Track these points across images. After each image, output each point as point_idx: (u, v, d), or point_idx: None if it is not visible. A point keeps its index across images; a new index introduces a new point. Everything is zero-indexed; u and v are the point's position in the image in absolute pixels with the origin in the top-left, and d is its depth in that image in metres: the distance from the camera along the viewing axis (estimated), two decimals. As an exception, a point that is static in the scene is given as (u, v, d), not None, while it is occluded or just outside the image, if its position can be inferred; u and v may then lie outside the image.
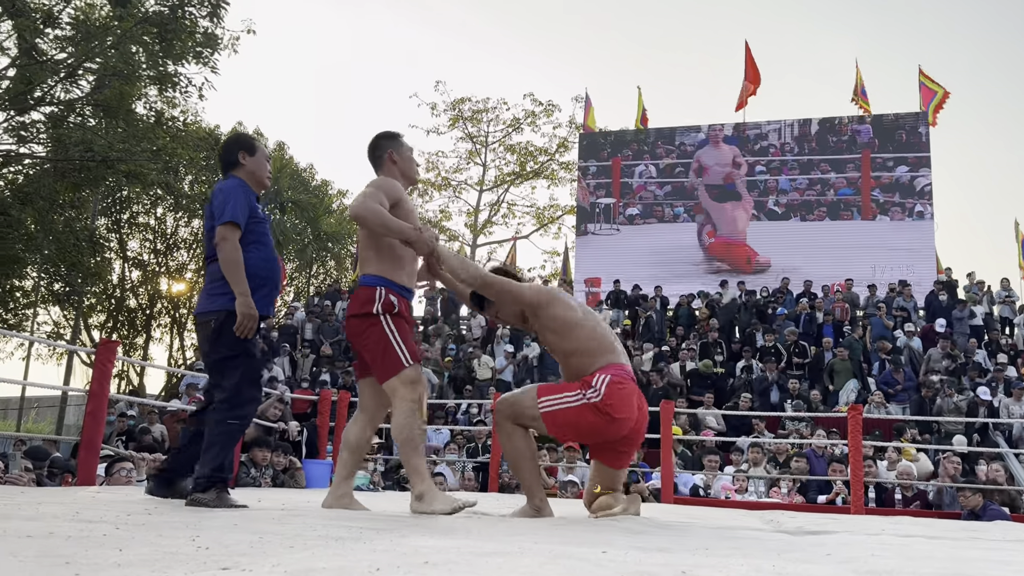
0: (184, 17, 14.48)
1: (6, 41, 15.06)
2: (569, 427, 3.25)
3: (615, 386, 3.20)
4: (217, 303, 3.41)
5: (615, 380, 3.22)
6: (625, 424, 3.24)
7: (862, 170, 17.87)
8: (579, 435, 3.35)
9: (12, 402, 24.74)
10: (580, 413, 3.19)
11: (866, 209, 17.66)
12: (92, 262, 16.97)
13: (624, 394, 3.22)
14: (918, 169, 17.62)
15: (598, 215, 19.27)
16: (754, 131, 18.78)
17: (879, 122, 18.08)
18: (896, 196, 17.56)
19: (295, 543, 1.94)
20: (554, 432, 3.26)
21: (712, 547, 2.22)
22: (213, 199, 3.50)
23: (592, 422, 3.20)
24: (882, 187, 17.68)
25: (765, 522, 3.58)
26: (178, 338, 26.01)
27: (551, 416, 3.21)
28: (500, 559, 1.75)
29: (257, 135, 26.88)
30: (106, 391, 5.14)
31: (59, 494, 3.63)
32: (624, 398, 3.21)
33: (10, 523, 2.10)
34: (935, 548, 2.50)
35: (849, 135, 18.19)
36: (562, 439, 3.46)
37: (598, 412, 3.18)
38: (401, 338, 3.29)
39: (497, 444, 8.02)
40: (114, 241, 24.22)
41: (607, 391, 3.19)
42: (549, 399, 3.23)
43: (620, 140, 19.79)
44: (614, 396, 3.19)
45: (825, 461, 8.68)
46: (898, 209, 17.48)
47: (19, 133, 14.84)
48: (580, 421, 3.20)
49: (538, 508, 3.35)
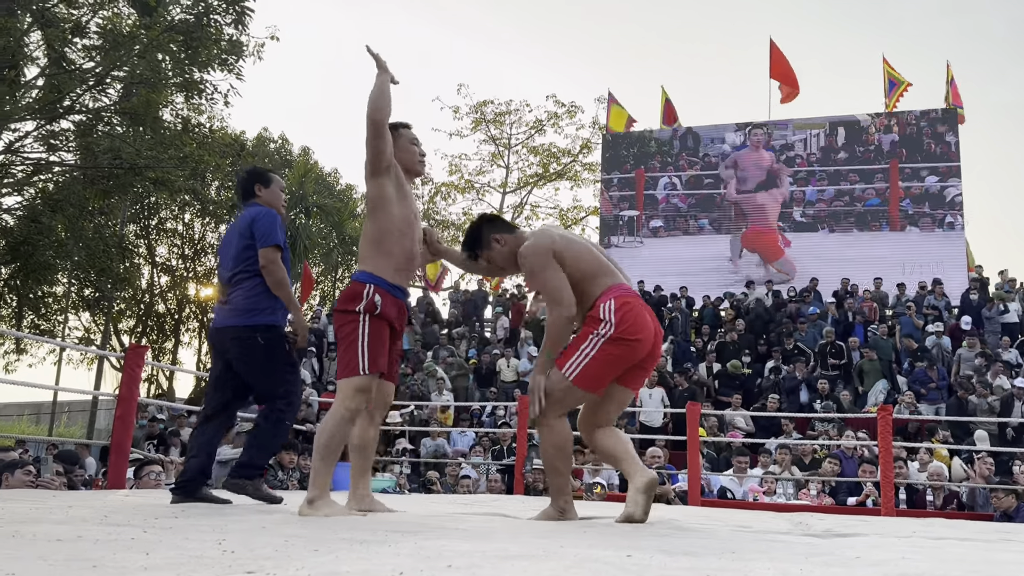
0: (209, 25, 14.64)
1: (36, 52, 15.33)
2: (602, 374, 3.12)
3: (623, 308, 3.10)
4: (260, 318, 3.71)
5: (620, 301, 3.12)
6: (646, 342, 3.14)
7: (890, 180, 17.58)
8: (614, 374, 3.17)
9: (44, 407, 25.12)
10: (604, 355, 3.09)
11: (894, 220, 17.36)
12: (121, 268, 17.20)
13: (634, 312, 3.11)
14: (947, 179, 17.26)
15: (621, 227, 19.16)
16: (780, 141, 18.55)
17: (906, 134, 17.65)
18: (926, 207, 17.23)
19: (320, 546, 1.94)
20: (593, 386, 3.12)
21: (739, 550, 2.20)
22: (254, 223, 3.76)
23: (618, 355, 3.11)
24: (912, 198, 17.35)
25: (793, 524, 3.54)
26: (206, 342, 26.29)
27: (581, 376, 3.09)
28: (525, 562, 1.75)
29: (282, 140, 27.13)
30: (135, 395, 5.20)
31: (89, 498, 3.67)
32: (636, 316, 3.11)
33: (40, 527, 2.13)
34: (967, 551, 2.45)
35: (876, 145, 17.93)
36: (600, 389, 3.14)
37: (618, 343, 3.09)
38: (371, 343, 3.16)
39: (522, 446, 8.01)
40: (143, 247, 24.56)
41: (617, 317, 3.09)
42: (571, 363, 3.11)
43: (643, 152, 19.58)
44: (626, 319, 3.09)
45: (855, 462, 8.58)
46: (928, 220, 17.13)
47: (49, 142, 15.09)
48: (608, 361, 3.10)
49: (562, 510, 3.25)
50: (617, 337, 3.08)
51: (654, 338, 3.20)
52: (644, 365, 3.25)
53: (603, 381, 3.15)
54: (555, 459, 3.21)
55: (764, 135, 18.68)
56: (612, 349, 3.09)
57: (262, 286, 3.72)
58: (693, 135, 19.33)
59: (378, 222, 3.27)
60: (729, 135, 19.02)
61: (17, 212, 15.26)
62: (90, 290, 20.70)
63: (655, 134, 19.75)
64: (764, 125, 18.87)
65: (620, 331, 3.08)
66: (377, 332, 3.18)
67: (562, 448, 3.21)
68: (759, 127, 18.83)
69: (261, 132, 26.88)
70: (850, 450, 8.89)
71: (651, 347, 3.20)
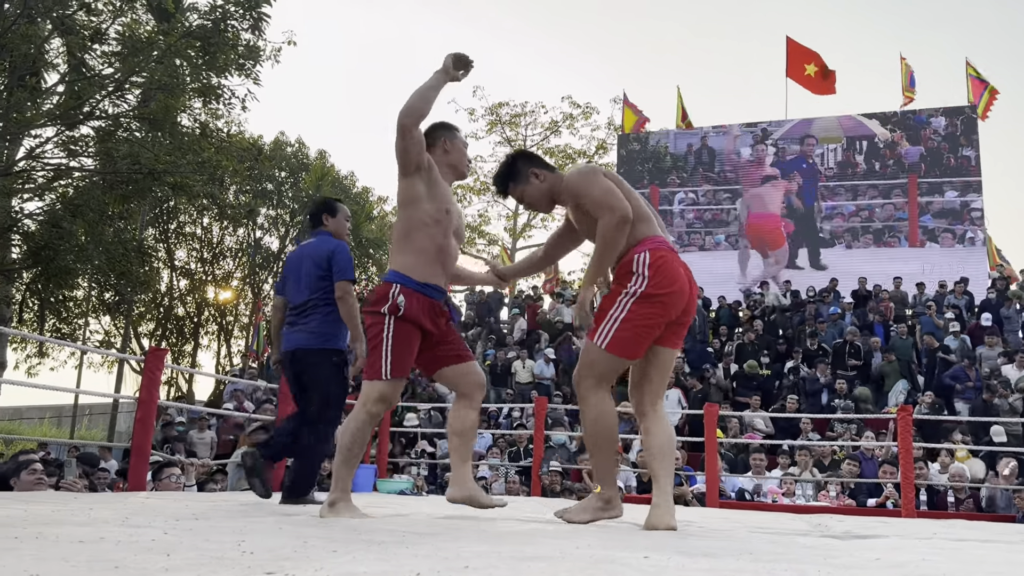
0: (227, 31, 14.74)
1: (56, 58, 15.49)
2: (637, 337, 2.93)
3: (657, 261, 2.94)
4: (335, 343, 4.18)
5: (656, 255, 2.96)
6: (681, 295, 2.96)
7: (909, 195, 17.40)
8: (651, 335, 2.97)
9: (66, 410, 25.38)
10: (636, 315, 2.91)
11: (913, 235, 17.19)
12: (141, 272, 17.34)
13: (667, 265, 2.95)
14: (967, 193, 17.08)
15: None
16: (796, 156, 18.37)
17: (928, 147, 17.44)
18: (945, 222, 17.03)
19: (338, 547, 1.95)
20: (630, 351, 2.94)
21: (757, 552, 2.19)
22: (332, 257, 4.21)
23: (652, 313, 2.92)
24: (932, 213, 17.16)
25: (812, 526, 3.52)
26: (225, 345, 26.46)
27: (615, 342, 2.91)
28: (542, 564, 1.75)
29: (299, 144, 27.25)
30: (155, 398, 5.25)
31: (110, 500, 3.71)
32: (669, 269, 2.95)
33: (63, 528, 2.15)
34: (989, 552, 2.43)
35: (895, 159, 17.75)
36: (638, 353, 2.95)
37: (651, 299, 2.92)
38: (395, 346, 3.08)
39: (539, 448, 8.00)
40: (162, 251, 24.74)
41: (651, 271, 2.93)
42: (602, 329, 2.94)
43: (659, 167, 19.46)
44: (659, 272, 2.93)
45: (876, 463, 8.52)
46: (949, 235, 16.93)
47: (69, 147, 15.23)
48: (642, 322, 2.91)
49: (608, 501, 3.05)
50: (649, 293, 2.91)
51: (689, 292, 3.02)
52: (681, 320, 3.05)
53: (640, 344, 2.96)
54: (597, 437, 3.01)
55: (774, 148, 18.52)
56: (644, 308, 2.91)
57: (336, 314, 4.15)
58: (708, 150, 19.16)
59: (407, 218, 3.19)
60: (744, 149, 18.83)
61: (39, 217, 15.42)
62: (110, 294, 20.88)
63: (669, 148, 19.54)
64: (772, 136, 18.66)
65: (652, 285, 2.91)
66: (402, 335, 3.10)
67: (604, 425, 3.00)
68: (767, 142, 18.66)
69: (278, 136, 27.04)
70: (869, 451, 8.83)
71: (686, 302, 3.01)
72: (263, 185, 25.44)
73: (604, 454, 3.03)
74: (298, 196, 25.77)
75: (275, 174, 26.04)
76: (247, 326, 25.80)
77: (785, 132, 18.74)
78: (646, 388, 3.11)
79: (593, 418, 2.98)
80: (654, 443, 3.04)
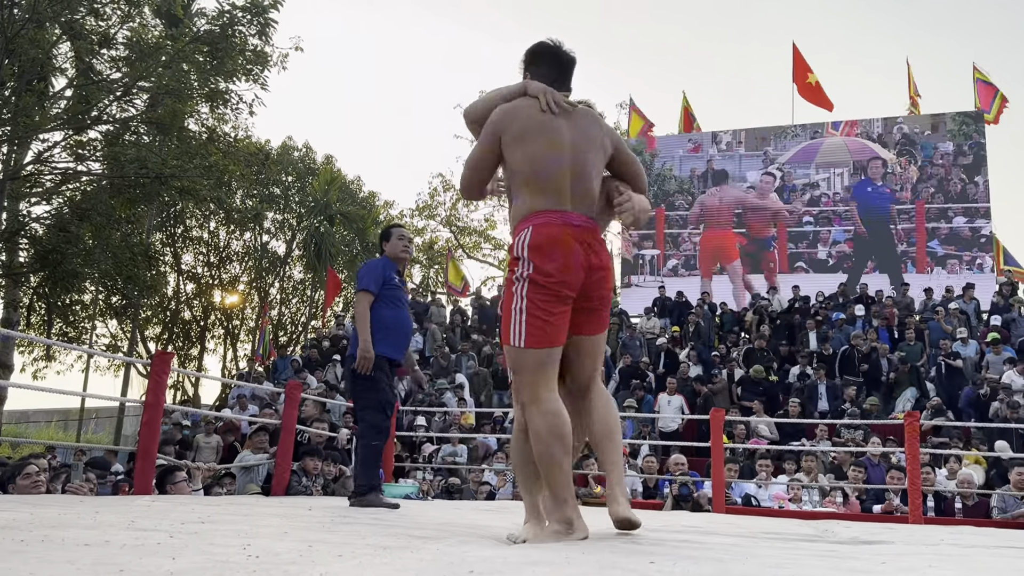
0: (234, 36, 14.80)
1: (64, 63, 15.58)
2: (548, 323, 2.56)
3: (537, 241, 2.56)
4: (378, 348, 4.68)
5: (535, 233, 2.58)
6: (568, 272, 2.56)
7: (916, 221, 17.31)
8: (562, 318, 2.59)
9: (72, 413, 25.46)
10: (536, 301, 2.56)
11: (921, 261, 17.11)
12: (148, 276, 17.40)
13: (550, 244, 2.55)
14: (975, 219, 17.00)
15: (642, 266, 19.03)
16: (802, 180, 18.31)
17: (934, 175, 17.39)
18: (953, 248, 16.95)
19: (343, 552, 1.95)
20: (551, 339, 2.56)
21: (763, 557, 2.18)
22: (359, 271, 4.93)
23: (542, 299, 2.56)
24: (940, 239, 17.08)
25: (819, 532, 3.50)
26: (231, 349, 26.52)
27: (531, 336, 2.55)
28: (546, 568, 1.75)
29: (306, 149, 27.33)
30: (161, 401, 5.25)
31: (116, 503, 3.71)
32: (548, 239, 2.56)
33: (69, 532, 2.16)
34: (996, 559, 2.42)
35: (902, 185, 17.64)
36: (557, 337, 2.57)
37: (537, 285, 2.56)
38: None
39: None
40: (169, 255, 24.83)
41: (530, 254, 2.57)
42: (512, 328, 2.60)
43: (663, 191, 19.35)
44: (537, 246, 2.56)
45: (882, 469, 8.48)
46: (956, 261, 16.85)
47: (77, 151, 15.31)
48: (546, 308, 2.55)
49: (568, 523, 2.52)
50: (534, 277, 2.56)
51: (586, 270, 2.61)
52: (588, 307, 2.67)
53: (557, 327, 2.58)
54: (549, 447, 2.50)
55: (776, 179, 18.46)
56: (536, 296, 2.56)
57: (374, 323, 4.69)
58: (715, 173, 19.03)
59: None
60: (751, 173, 18.74)
61: (46, 221, 15.50)
62: (117, 298, 20.94)
63: (674, 171, 19.41)
64: (777, 161, 18.60)
65: (536, 271, 2.56)
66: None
67: (554, 431, 2.51)
68: (771, 173, 18.58)
69: (286, 141, 27.13)
70: (876, 457, 8.79)
71: (582, 282, 2.60)
72: (270, 189, 25.51)
73: (562, 469, 2.52)
74: (305, 200, 25.84)
75: (282, 178, 26.11)
76: (253, 330, 25.85)
77: (792, 157, 18.58)
78: (577, 372, 2.78)
79: (545, 428, 2.51)
80: (598, 426, 2.71)
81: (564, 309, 2.59)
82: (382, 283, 4.77)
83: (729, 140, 19.12)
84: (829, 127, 18.52)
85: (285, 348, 21.80)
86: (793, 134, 18.66)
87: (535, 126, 2.66)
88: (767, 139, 18.82)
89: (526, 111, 2.69)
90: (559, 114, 2.71)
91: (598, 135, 2.77)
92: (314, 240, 23.70)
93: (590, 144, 2.72)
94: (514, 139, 2.66)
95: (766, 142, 18.79)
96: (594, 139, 2.75)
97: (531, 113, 2.69)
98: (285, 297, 27.85)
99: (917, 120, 18.04)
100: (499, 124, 2.70)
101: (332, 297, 21.09)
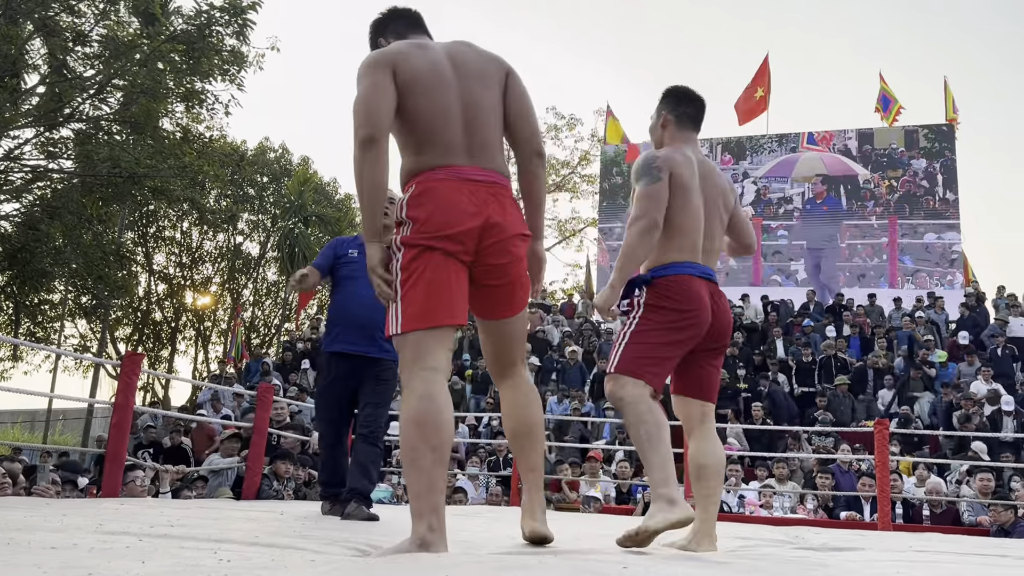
0: (212, 36, 14.68)
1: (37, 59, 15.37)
2: (430, 293, 2.15)
3: (420, 194, 2.19)
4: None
5: (418, 187, 2.21)
6: (460, 222, 2.15)
7: (889, 236, 17.47)
8: (459, 283, 2.19)
9: (39, 414, 25.06)
10: (416, 268, 2.14)
11: (893, 276, 17.23)
12: (119, 276, 17.18)
13: (434, 194, 2.19)
14: (944, 233, 17.18)
15: None
16: (777, 194, 18.47)
17: (906, 192, 17.58)
18: (926, 264, 17.12)
19: (316, 557, 1.94)
20: (425, 318, 2.13)
21: (735, 563, 2.19)
22: None
23: (437, 263, 2.15)
24: (912, 255, 17.25)
25: (790, 538, 3.53)
26: (203, 350, 26.27)
27: (408, 317, 2.15)
28: (521, 573, 1.75)
29: (283, 150, 27.17)
30: (131, 403, 5.19)
31: (83, 506, 3.66)
32: (435, 199, 2.18)
33: (35, 535, 2.12)
34: (963, 566, 2.45)
35: (874, 199, 17.86)
36: (457, 312, 2.16)
37: (421, 250, 2.15)
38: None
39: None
40: (140, 255, 24.56)
41: (411, 211, 2.18)
42: (393, 310, 2.19)
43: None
44: (420, 206, 2.18)
45: (853, 476, 8.57)
46: (926, 276, 17.01)
47: (48, 149, 15.10)
48: (430, 276, 2.15)
49: (421, 541, 2.02)
50: (412, 240, 2.15)
51: (480, 229, 2.17)
52: (491, 280, 2.25)
53: (439, 302, 2.12)
54: (409, 438, 2.03)
55: (754, 187, 18.56)
56: (422, 261, 2.14)
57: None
58: None
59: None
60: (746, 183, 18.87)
61: (15, 219, 15.27)
62: (87, 297, 20.68)
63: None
64: (752, 175, 18.72)
65: (416, 230, 2.15)
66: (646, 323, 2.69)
67: (422, 424, 2.02)
68: (747, 181, 18.68)
69: (262, 142, 26.96)
70: (846, 464, 8.88)
71: (478, 237, 2.18)
72: (244, 190, 25.32)
73: (423, 470, 2.03)
74: (280, 202, 25.69)
75: (257, 179, 25.94)
76: (225, 332, 25.62)
77: (768, 171, 18.69)
78: (491, 360, 2.47)
79: (411, 420, 2.05)
80: (511, 421, 2.44)
81: (457, 274, 2.17)
82: (331, 260, 4.26)
83: (706, 152, 19.24)
84: (804, 139, 18.69)
85: (258, 350, 21.63)
86: (769, 148, 18.81)
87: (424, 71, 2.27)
88: (743, 151, 18.95)
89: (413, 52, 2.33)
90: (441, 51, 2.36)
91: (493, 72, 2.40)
92: (288, 241, 23.56)
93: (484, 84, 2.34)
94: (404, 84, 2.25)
95: (741, 155, 18.92)
96: (489, 76, 2.37)
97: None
98: (258, 299, 27.65)
99: (891, 133, 18.26)
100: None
101: (306, 300, 20.96)
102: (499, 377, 2.47)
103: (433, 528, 1.98)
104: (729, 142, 19.18)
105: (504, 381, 2.46)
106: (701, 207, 2.74)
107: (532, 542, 2.43)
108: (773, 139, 18.95)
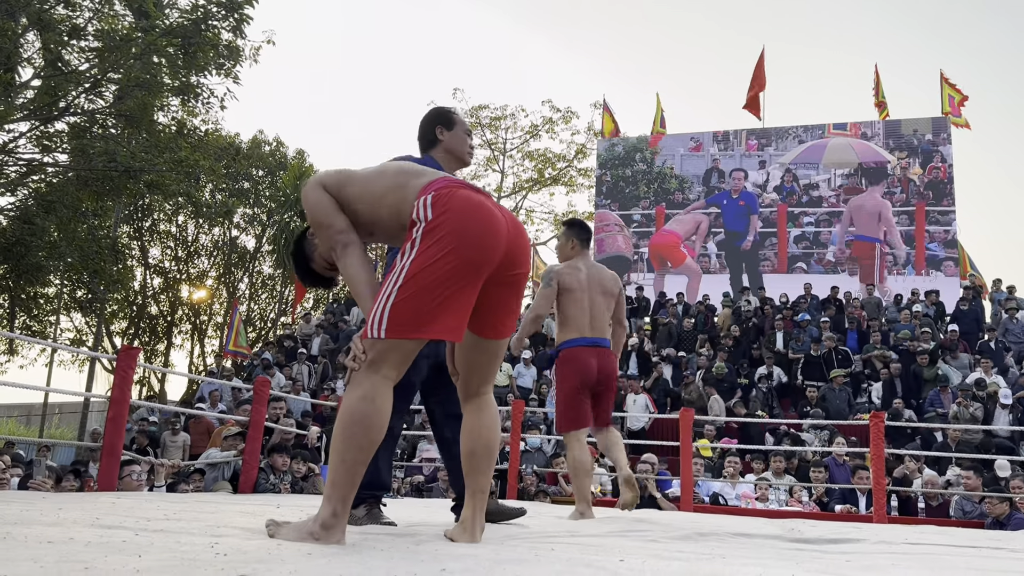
0: (208, 30, 14.61)
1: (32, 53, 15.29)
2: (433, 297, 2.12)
3: (443, 197, 2.19)
4: None
5: (440, 193, 2.20)
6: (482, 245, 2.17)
7: (916, 223, 17.35)
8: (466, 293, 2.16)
9: (35, 408, 25.02)
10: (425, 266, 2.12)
11: (919, 262, 17.15)
12: (114, 270, 17.15)
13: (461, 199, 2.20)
14: (946, 224, 17.14)
15: (636, 264, 19.03)
16: (804, 181, 18.35)
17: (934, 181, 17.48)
18: (953, 251, 17.04)
19: (313, 550, 1.94)
20: (415, 326, 2.09)
21: (730, 555, 2.20)
22: None
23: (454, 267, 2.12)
24: (940, 242, 17.14)
25: (785, 530, 3.54)
26: (199, 344, 26.23)
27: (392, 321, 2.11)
28: (517, 567, 1.75)
29: (277, 143, 27.07)
30: (127, 397, 5.19)
31: (79, 500, 3.66)
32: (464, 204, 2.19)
33: (31, 529, 2.12)
34: (958, 558, 2.46)
35: (901, 187, 17.75)
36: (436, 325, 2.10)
37: (440, 242, 2.15)
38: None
39: (515, 452, 8.01)
40: (136, 249, 24.50)
41: (436, 211, 2.19)
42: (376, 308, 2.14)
43: (664, 188, 19.22)
44: (450, 208, 2.18)
45: (847, 470, 8.60)
46: (951, 264, 16.92)
47: (43, 143, 15.04)
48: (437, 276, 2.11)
49: (328, 528, 2.10)
50: (434, 230, 2.13)
51: (507, 240, 2.21)
52: (507, 280, 2.26)
53: (437, 304, 2.09)
54: (347, 434, 2.08)
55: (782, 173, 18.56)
56: (446, 262, 2.08)
57: None
58: (719, 172, 19.03)
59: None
60: (753, 173, 18.75)
61: (10, 213, 15.22)
62: (82, 291, 20.65)
63: (676, 169, 19.43)
64: (778, 160, 18.69)
65: (434, 224, 2.13)
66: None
67: (358, 423, 2.07)
68: (773, 166, 18.63)
69: (256, 135, 26.85)
70: (841, 457, 8.91)
71: (500, 247, 2.18)
72: (240, 184, 25.25)
73: (350, 468, 2.09)
74: (275, 195, 25.63)
75: (252, 173, 25.87)
76: (221, 326, 25.59)
77: (797, 157, 18.58)
78: (472, 376, 2.44)
79: (346, 413, 2.10)
80: (470, 442, 2.39)
81: (463, 291, 2.14)
82: None
83: (731, 140, 19.18)
84: (831, 128, 18.60)
85: (254, 344, 21.62)
86: (795, 135, 18.76)
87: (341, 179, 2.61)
88: (768, 139, 18.90)
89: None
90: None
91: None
92: (284, 235, 23.52)
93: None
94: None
95: (767, 143, 18.87)
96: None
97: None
98: (254, 292, 27.61)
99: (919, 122, 18.12)
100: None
101: (302, 293, 20.94)
102: (470, 396, 2.44)
103: (337, 514, 2.10)
104: (754, 131, 19.11)
105: (474, 400, 2.43)
106: (586, 300, 4.17)
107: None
108: (800, 128, 18.88)
